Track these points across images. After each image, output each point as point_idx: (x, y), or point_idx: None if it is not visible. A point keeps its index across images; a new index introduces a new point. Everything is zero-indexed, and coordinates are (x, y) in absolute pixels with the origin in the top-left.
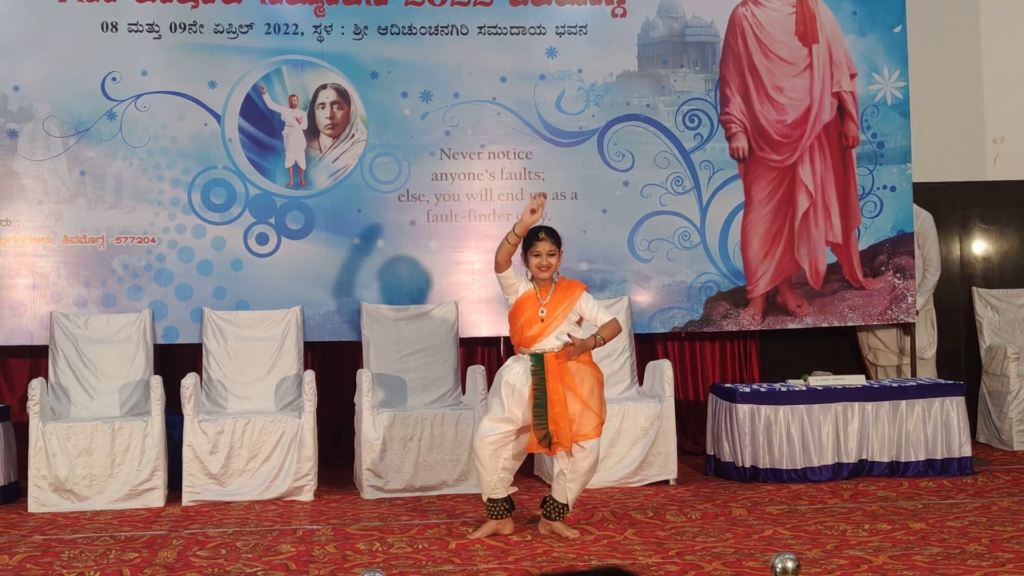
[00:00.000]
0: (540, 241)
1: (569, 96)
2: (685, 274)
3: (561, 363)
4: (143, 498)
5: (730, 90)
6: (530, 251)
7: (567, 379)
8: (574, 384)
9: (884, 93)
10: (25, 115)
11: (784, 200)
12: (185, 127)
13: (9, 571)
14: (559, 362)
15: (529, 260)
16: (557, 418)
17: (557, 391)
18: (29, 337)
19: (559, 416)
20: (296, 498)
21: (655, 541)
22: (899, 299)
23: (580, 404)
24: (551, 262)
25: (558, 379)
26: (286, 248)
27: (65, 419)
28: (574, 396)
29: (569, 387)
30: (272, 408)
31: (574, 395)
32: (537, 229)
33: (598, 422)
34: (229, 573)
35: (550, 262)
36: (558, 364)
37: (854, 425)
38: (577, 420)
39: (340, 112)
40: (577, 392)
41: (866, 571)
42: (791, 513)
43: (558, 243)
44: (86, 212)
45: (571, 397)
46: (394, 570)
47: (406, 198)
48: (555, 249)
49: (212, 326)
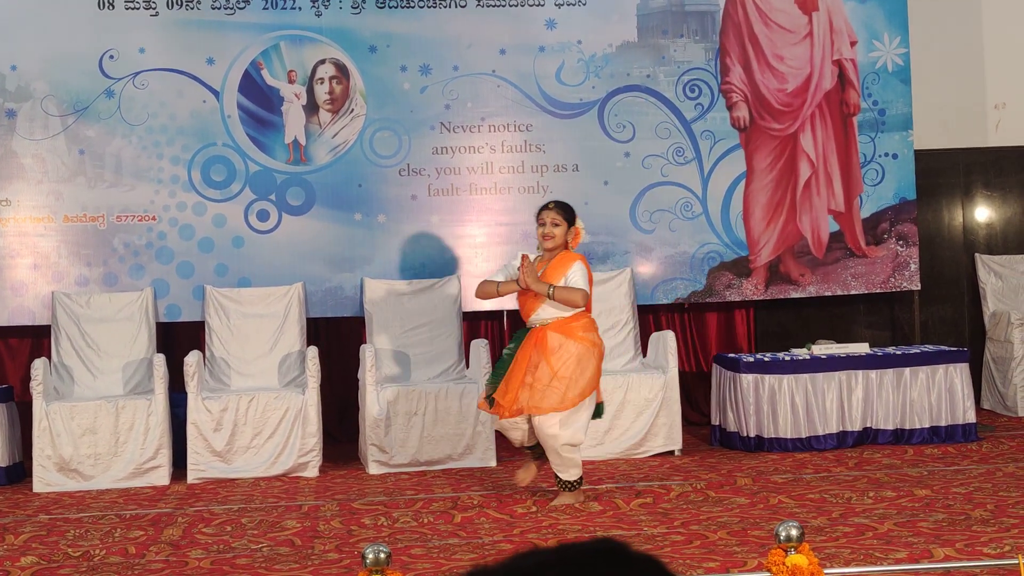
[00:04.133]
0: (547, 210)
1: (569, 67)
2: (687, 245)
3: (541, 334)
4: (148, 476)
5: (730, 59)
6: (537, 219)
7: (543, 350)
8: (548, 356)
9: (885, 60)
10: (23, 94)
11: (786, 169)
12: (184, 104)
13: (15, 550)
14: (539, 333)
15: (537, 230)
16: (509, 380)
17: (525, 358)
18: (31, 317)
19: (511, 379)
20: (301, 474)
21: (660, 511)
22: (902, 267)
23: (549, 373)
24: (553, 232)
25: (531, 347)
26: (287, 224)
27: (69, 399)
28: (546, 366)
29: (543, 357)
30: (276, 385)
31: (547, 365)
32: (549, 200)
33: (562, 396)
34: (235, 549)
35: (552, 232)
36: (537, 335)
37: (858, 393)
38: (540, 391)
39: (339, 87)
40: (549, 361)
41: (871, 538)
42: (796, 482)
43: (568, 216)
44: (86, 191)
45: (543, 367)
46: (399, 544)
47: (407, 172)
48: (560, 220)
49: (214, 303)
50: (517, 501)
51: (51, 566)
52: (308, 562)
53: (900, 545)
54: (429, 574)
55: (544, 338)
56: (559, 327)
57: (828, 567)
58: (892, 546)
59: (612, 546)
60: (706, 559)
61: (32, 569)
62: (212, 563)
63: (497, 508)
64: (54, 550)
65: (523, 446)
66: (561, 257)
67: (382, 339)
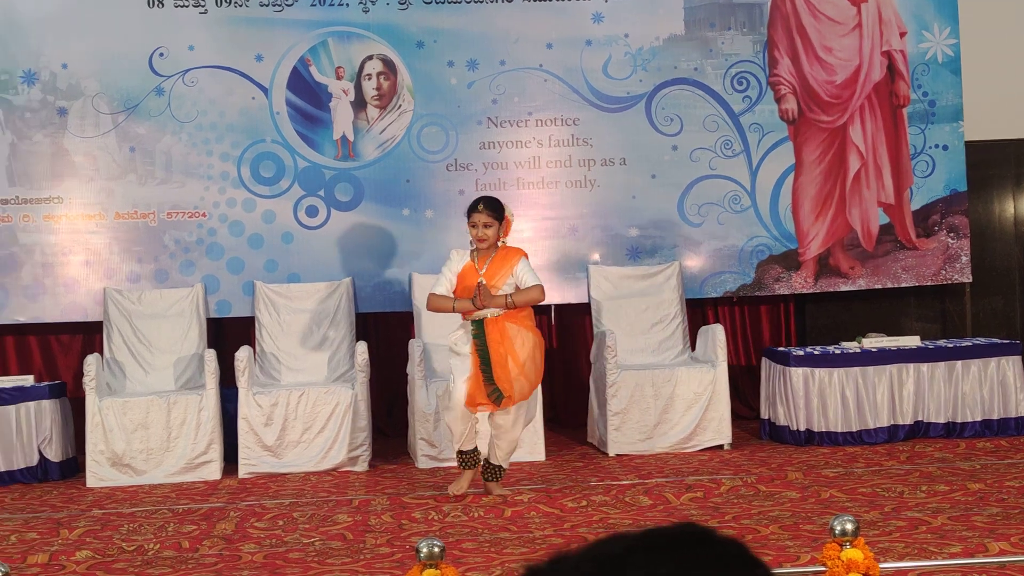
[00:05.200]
0: (477, 212)
1: (616, 61)
2: (736, 238)
3: (500, 326)
4: (200, 471)
5: (778, 51)
6: (468, 222)
7: (506, 343)
8: (513, 349)
9: (935, 51)
10: (74, 92)
11: (835, 161)
12: (233, 101)
13: (70, 545)
14: (497, 326)
15: (470, 230)
16: (499, 379)
17: (498, 352)
18: (83, 313)
19: (501, 377)
20: (351, 469)
21: (711, 506)
22: (953, 259)
23: (516, 368)
24: (486, 234)
25: (498, 340)
26: (336, 220)
27: (121, 394)
28: (512, 360)
29: (508, 351)
30: (325, 380)
31: (512, 358)
32: (476, 200)
33: (526, 386)
34: (287, 544)
35: (485, 234)
36: (497, 328)
37: (909, 387)
38: (510, 383)
39: (387, 83)
40: (515, 356)
41: (925, 532)
42: (847, 476)
43: (497, 214)
44: (137, 188)
45: (509, 360)
46: (451, 538)
47: (454, 167)
48: (492, 220)
49: (264, 299)
50: (566, 495)
51: (105, 560)
52: (360, 556)
53: (954, 539)
54: (481, 568)
55: (505, 330)
56: (512, 318)
57: (882, 561)
58: (946, 540)
59: (697, 530)
60: (758, 554)
61: (87, 563)
62: (265, 557)
63: (547, 503)
64: (108, 544)
65: (459, 448)
66: (503, 254)
67: (430, 334)
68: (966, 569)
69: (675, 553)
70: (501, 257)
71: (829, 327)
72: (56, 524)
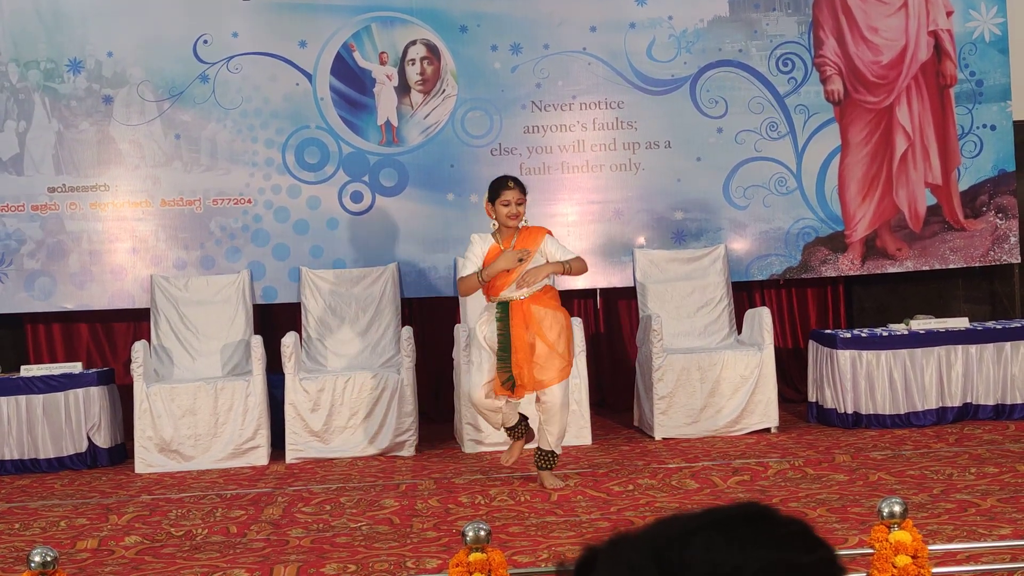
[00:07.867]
0: (509, 190)
1: (660, 44)
2: (782, 220)
3: (526, 310)
4: (247, 456)
5: (824, 32)
6: (498, 200)
7: (533, 325)
8: (541, 329)
9: (982, 30)
10: (119, 80)
11: (881, 142)
12: (277, 88)
13: (119, 530)
14: (522, 309)
15: (497, 209)
16: (520, 363)
17: (520, 337)
18: (131, 300)
19: (522, 361)
20: (398, 453)
21: (758, 489)
22: (1001, 239)
23: (547, 349)
24: (520, 211)
25: (522, 325)
26: (380, 205)
27: (168, 380)
28: (541, 341)
29: (536, 332)
30: (371, 365)
31: (541, 339)
32: (506, 178)
33: (563, 364)
34: (335, 528)
35: (519, 211)
36: (521, 311)
37: (958, 368)
38: (541, 364)
39: (430, 68)
40: (544, 337)
41: (974, 514)
42: (895, 458)
43: (525, 192)
44: (182, 175)
45: (539, 343)
46: (497, 522)
47: (498, 152)
48: (523, 198)
49: (310, 285)
50: (613, 479)
51: (155, 545)
52: (407, 540)
53: (1004, 521)
54: (527, 552)
55: (531, 313)
56: (538, 300)
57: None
58: (996, 522)
59: (759, 509)
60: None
61: (136, 548)
62: (312, 542)
63: (593, 486)
64: (157, 530)
65: (504, 427)
66: (526, 233)
67: (476, 319)
68: (1016, 551)
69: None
70: (526, 236)
71: (876, 309)
72: (105, 510)
